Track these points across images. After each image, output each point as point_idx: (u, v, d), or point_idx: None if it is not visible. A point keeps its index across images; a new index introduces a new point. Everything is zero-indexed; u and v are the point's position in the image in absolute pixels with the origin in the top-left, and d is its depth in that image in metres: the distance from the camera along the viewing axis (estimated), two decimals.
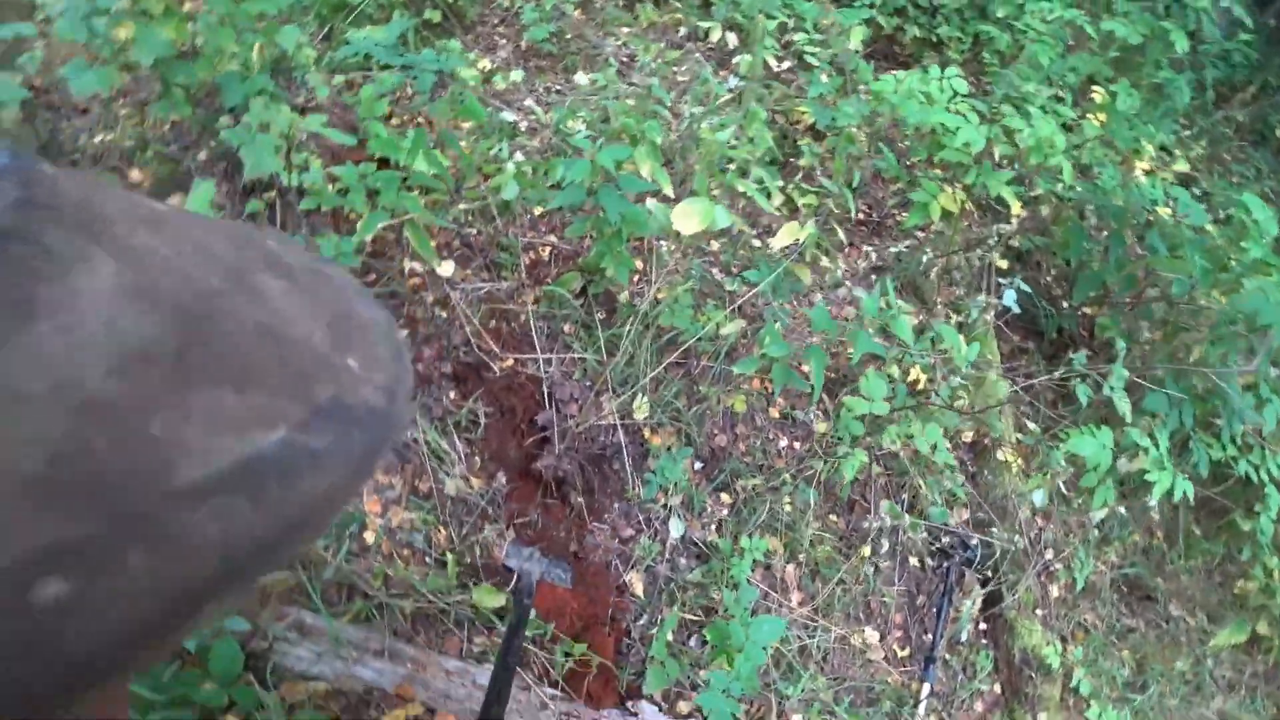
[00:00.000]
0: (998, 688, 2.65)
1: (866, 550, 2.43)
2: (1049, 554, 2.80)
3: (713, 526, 2.28)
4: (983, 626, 2.72)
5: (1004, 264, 2.92)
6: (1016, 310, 2.77)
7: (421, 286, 2.47)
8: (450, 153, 2.79)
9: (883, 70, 3.38)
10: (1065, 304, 3.29)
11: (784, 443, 2.56)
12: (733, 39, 3.48)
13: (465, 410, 2.15)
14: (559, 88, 3.47)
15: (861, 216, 3.38)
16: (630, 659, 2.16)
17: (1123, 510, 2.66)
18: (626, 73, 3.44)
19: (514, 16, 3.63)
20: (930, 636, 2.60)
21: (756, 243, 3.08)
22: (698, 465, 2.39)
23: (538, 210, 2.90)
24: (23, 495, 0.18)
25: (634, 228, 2.22)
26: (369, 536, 2.06)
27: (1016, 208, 2.65)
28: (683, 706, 2.22)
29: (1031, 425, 2.95)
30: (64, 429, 0.19)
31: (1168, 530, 3.15)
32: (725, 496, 2.34)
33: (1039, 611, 2.72)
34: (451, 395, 2.22)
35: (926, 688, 2.46)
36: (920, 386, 2.38)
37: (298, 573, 1.93)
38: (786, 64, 3.42)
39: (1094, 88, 3.01)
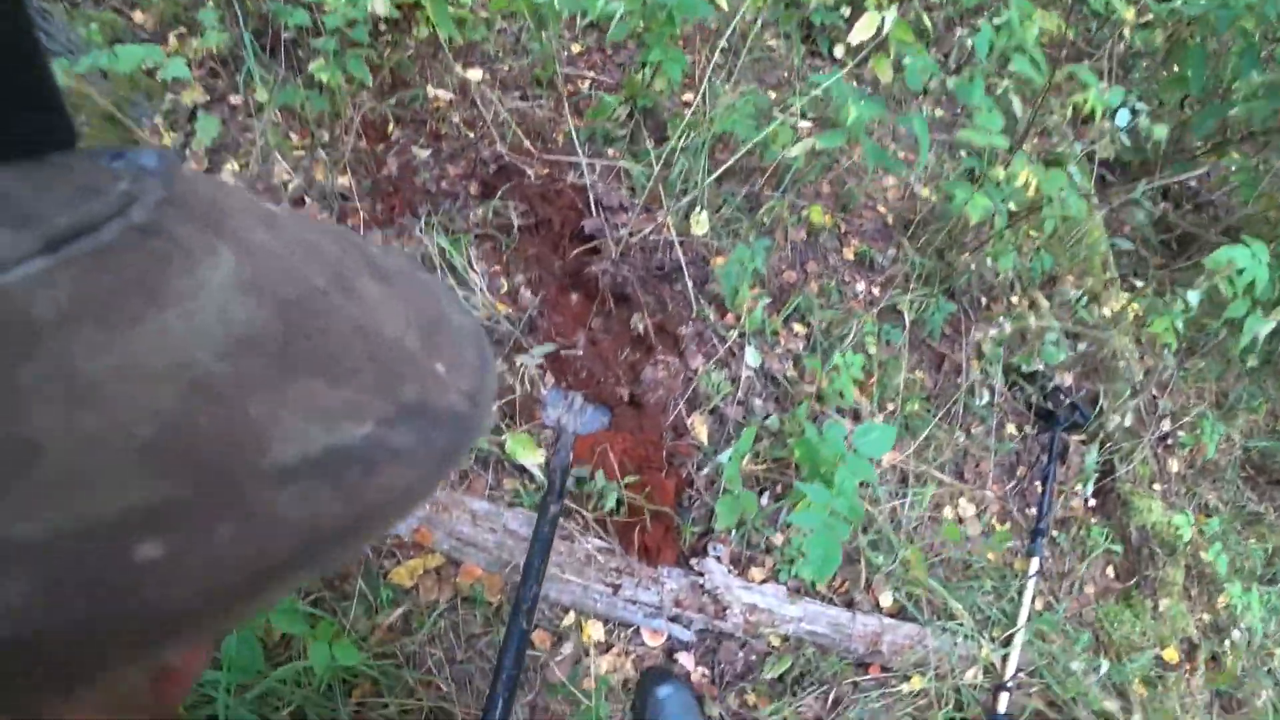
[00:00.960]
0: (1110, 570, 2.29)
1: (965, 376, 2.07)
2: (1165, 424, 2.43)
3: (789, 361, 1.94)
4: (1091, 503, 2.36)
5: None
6: (1126, 141, 2.38)
7: (447, 107, 2.17)
8: None
9: None
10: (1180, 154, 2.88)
11: (860, 286, 2.22)
12: None
13: (492, 213, 1.83)
14: None
15: (939, 61, 3.00)
16: (694, 513, 1.85)
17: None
18: None
19: None
20: (1035, 510, 2.25)
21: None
22: (766, 301, 2.05)
23: (575, 48, 2.59)
24: (135, 460, 0.19)
25: (687, 10, 1.90)
26: None
27: (1130, 13, 2.27)
28: (755, 574, 1.90)
29: (1139, 283, 2.58)
30: (175, 403, 0.20)
31: None
32: (799, 327, 2.00)
33: (1156, 487, 2.36)
34: (479, 212, 1.91)
35: (1034, 563, 2.11)
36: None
37: None
38: None
39: None
